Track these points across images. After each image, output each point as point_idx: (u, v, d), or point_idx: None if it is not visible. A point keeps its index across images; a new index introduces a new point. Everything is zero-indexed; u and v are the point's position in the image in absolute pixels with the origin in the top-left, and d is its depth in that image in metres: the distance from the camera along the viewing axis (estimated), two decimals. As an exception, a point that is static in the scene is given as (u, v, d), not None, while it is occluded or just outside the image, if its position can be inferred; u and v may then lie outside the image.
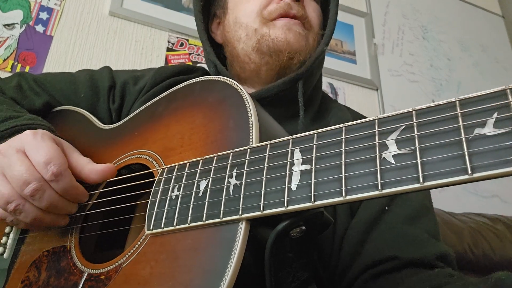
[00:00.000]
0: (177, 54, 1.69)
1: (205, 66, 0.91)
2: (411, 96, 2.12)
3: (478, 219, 1.48)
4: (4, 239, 0.66)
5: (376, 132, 0.38)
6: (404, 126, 0.37)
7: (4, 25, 1.45)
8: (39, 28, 1.50)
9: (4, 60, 1.41)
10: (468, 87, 2.29)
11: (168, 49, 1.69)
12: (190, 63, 1.69)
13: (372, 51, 2.12)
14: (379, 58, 2.13)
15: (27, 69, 1.43)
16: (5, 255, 0.65)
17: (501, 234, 1.44)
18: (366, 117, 0.75)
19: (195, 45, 1.74)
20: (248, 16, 0.79)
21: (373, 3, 2.27)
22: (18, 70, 1.42)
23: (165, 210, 0.50)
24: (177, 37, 1.73)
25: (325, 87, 1.88)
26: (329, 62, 1.95)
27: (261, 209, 0.42)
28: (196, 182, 0.49)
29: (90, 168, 0.58)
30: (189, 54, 1.72)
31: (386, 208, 0.66)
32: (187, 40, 1.74)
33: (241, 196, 0.44)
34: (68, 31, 1.55)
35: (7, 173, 0.54)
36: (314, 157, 0.41)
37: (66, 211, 0.58)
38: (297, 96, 0.76)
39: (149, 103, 0.68)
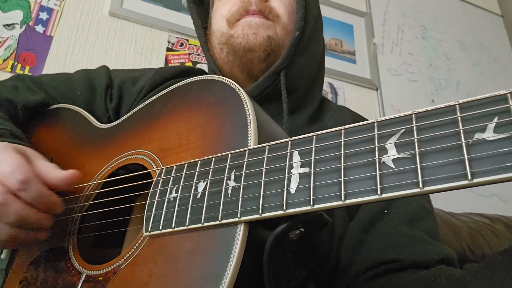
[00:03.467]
0: (177, 54, 1.69)
1: (204, 67, 0.92)
2: (411, 95, 2.12)
3: (478, 218, 1.48)
4: None
5: (376, 135, 0.38)
6: (403, 130, 0.36)
7: (4, 25, 1.45)
8: (39, 29, 1.50)
9: (4, 60, 1.40)
10: (467, 87, 2.29)
11: (168, 49, 1.69)
12: (190, 63, 1.69)
13: (371, 50, 2.12)
14: (378, 57, 2.13)
15: (27, 69, 1.43)
16: (2, 255, 0.65)
17: (500, 233, 1.43)
18: (366, 119, 0.74)
19: (195, 45, 1.74)
20: (218, 23, 0.82)
21: (373, 3, 2.27)
22: (18, 70, 1.41)
23: (163, 212, 0.49)
24: (177, 37, 1.72)
25: (325, 87, 1.88)
26: (329, 62, 1.94)
27: (260, 212, 0.41)
28: (194, 184, 0.48)
29: (53, 176, 0.56)
30: (189, 54, 1.71)
31: (386, 211, 0.66)
32: (187, 40, 1.73)
33: (240, 199, 0.43)
34: (68, 32, 1.54)
35: None
36: (313, 160, 0.41)
37: (39, 224, 0.55)
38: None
39: (146, 102, 0.68)
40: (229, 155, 0.48)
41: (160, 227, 0.49)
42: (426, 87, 2.18)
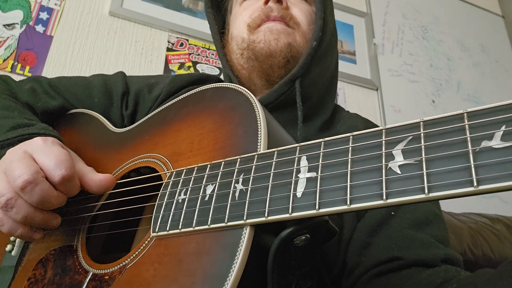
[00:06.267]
0: (177, 54, 1.69)
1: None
2: (411, 96, 2.12)
3: (478, 219, 1.48)
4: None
5: (383, 141, 0.38)
6: (411, 137, 0.37)
7: (4, 25, 1.45)
8: (39, 28, 1.50)
9: (4, 60, 1.40)
10: (468, 87, 2.30)
11: (168, 49, 1.69)
12: (190, 63, 1.69)
13: (372, 51, 2.13)
14: (379, 58, 2.13)
15: (27, 69, 1.43)
16: (13, 252, 0.66)
17: (501, 234, 1.44)
18: (376, 125, 0.75)
19: (195, 45, 1.74)
20: (238, 28, 0.84)
21: (373, 3, 2.27)
22: (18, 70, 1.41)
23: (171, 213, 0.50)
24: (177, 37, 1.73)
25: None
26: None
27: (266, 215, 0.42)
28: (203, 186, 0.49)
29: (90, 177, 0.58)
30: (189, 54, 1.72)
31: (392, 213, 0.67)
32: (187, 40, 1.74)
33: (247, 201, 0.44)
34: (68, 31, 1.54)
35: (7, 172, 0.54)
36: (320, 165, 0.41)
37: (55, 204, 0.57)
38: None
39: (160, 108, 0.69)
40: (238, 159, 0.48)
41: (167, 228, 0.49)
42: (426, 87, 2.19)
